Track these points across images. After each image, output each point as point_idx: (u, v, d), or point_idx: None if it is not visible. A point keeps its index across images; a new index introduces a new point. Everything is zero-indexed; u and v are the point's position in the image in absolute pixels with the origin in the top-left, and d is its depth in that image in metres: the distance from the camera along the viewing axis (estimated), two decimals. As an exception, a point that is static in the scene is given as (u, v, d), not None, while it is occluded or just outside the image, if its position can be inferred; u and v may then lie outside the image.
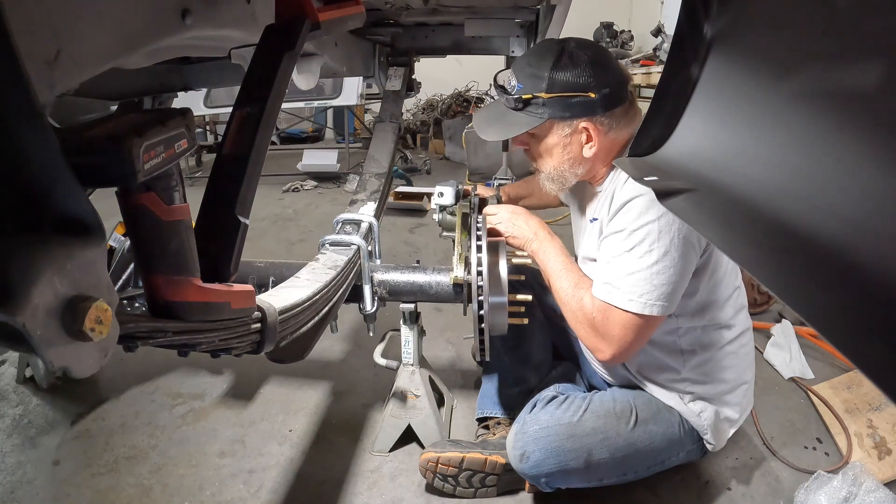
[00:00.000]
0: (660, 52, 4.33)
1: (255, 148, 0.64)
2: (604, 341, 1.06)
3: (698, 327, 1.15)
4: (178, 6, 0.61)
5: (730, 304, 1.18)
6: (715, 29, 0.53)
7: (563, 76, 1.04)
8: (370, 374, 1.80)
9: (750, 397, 1.26)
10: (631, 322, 1.02)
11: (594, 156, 1.10)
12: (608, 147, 1.11)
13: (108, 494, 1.33)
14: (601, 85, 1.03)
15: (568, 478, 1.15)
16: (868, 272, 0.32)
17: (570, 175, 1.14)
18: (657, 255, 0.99)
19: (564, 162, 1.12)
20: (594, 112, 1.05)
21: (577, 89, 1.03)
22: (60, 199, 0.37)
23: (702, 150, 0.57)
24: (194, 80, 1.53)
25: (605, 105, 1.04)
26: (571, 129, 1.08)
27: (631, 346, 1.05)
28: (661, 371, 1.18)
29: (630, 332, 1.03)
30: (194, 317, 0.54)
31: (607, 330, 1.05)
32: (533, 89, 1.06)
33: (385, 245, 2.81)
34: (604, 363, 1.13)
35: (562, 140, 1.09)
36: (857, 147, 0.35)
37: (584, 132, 1.07)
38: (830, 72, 0.38)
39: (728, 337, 1.18)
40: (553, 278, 1.15)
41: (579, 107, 1.04)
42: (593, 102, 1.03)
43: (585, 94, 1.03)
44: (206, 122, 5.67)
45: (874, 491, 1.20)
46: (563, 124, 1.07)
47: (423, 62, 2.18)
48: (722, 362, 1.18)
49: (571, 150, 1.10)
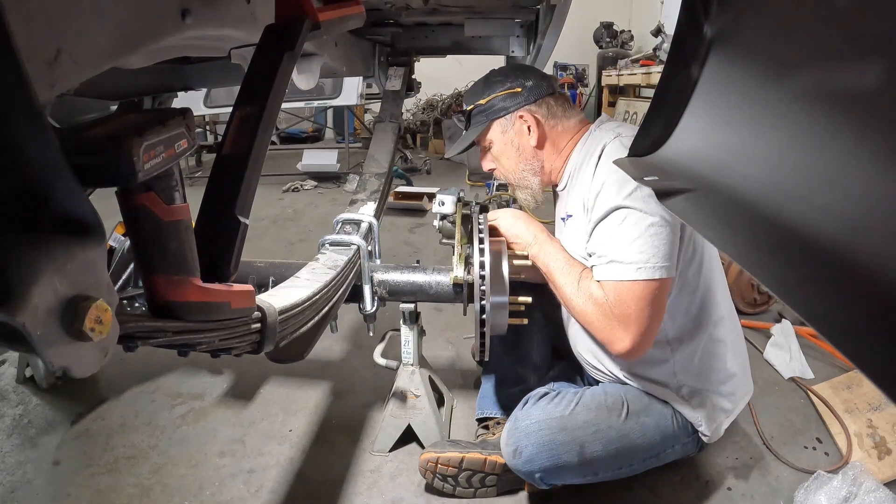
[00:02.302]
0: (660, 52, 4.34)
1: (255, 148, 0.64)
2: (621, 327, 1.04)
3: (681, 312, 1.15)
4: (178, 6, 0.60)
5: (712, 290, 1.18)
6: (715, 29, 0.53)
7: (492, 84, 1.26)
8: (370, 374, 1.80)
9: (744, 388, 1.26)
10: (645, 292, 1.02)
11: (540, 145, 1.23)
12: (553, 138, 1.24)
13: (108, 494, 1.33)
14: (524, 80, 1.23)
15: (563, 472, 1.15)
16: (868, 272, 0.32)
17: (529, 174, 1.27)
18: (650, 218, 1.02)
19: (519, 160, 1.26)
20: (526, 101, 1.22)
21: (505, 88, 1.23)
22: (60, 199, 0.37)
23: (702, 150, 0.57)
24: (194, 80, 1.53)
25: (533, 94, 1.22)
26: (511, 122, 1.24)
27: (650, 324, 1.04)
28: (652, 366, 1.18)
29: (646, 306, 1.03)
30: (194, 317, 0.54)
31: (623, 310, 1.03)
32: (474, 103, 1.27)
33: (385, 245, 2.81)
34: (625, 357, 1.08)
35: (507, 136, 1.25)
36: (857, 147, 0.35)
37: (523, 122, 1.23)
38: (830, 72, 0.38)
39: (713, 319, 1.18)
40: (556, 277, 1.15)
41: (511, 100, 1.23)
42: (522, 94, 1.22)
43: (513, 89, 1.23)
44: (206, 122, 5.67)
45: (874, 491, 1.20)
46: (502, 121, 1.25)
47: (423, 62, 2.18)
48: (711, 350, 1.18)
49: (519, 143, 1.25)
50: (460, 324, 2.08)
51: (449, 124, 5.56)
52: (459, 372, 1.85)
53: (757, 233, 0.43)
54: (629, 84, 4.87)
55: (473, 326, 1.14)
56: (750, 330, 1.99)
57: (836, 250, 0.35)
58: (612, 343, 1.07)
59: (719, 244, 0.48)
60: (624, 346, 1.05)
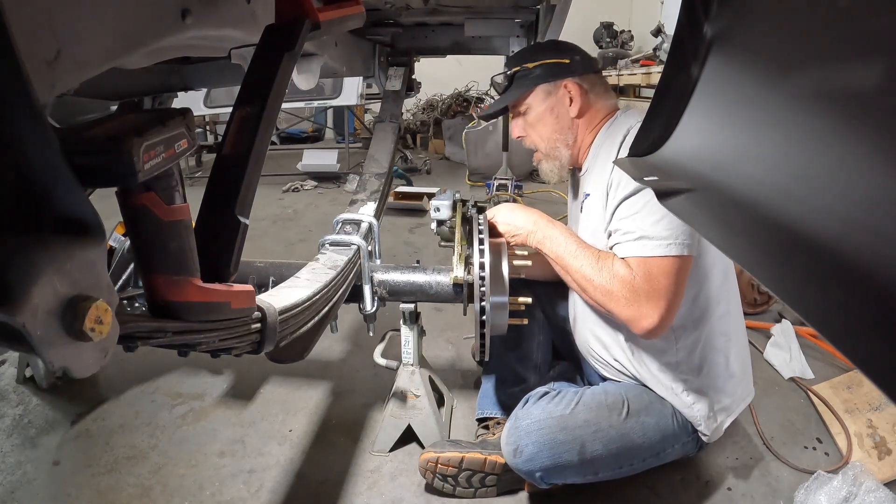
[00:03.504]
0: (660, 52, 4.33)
1: (255, 148, 0.64)
2: (650, 303, 1.04)
3: (689, 299, 1.14)
4: (178, 6, 0.60)
5: (718, 281, 1.18)
6: (715, 29, 0.53)
7: (541, 52, 1.27)
8: (370, 374, 1.80)
9: (745, 389, 1.26)
10: (674, 268, 1.03)
11: (579, 117, 1.24)
12: (590, 114, 1.25)
13: (108, 494, 1.33)
14: (573, 54, 1.26)
15: (563, 472, 1.15)
16: (868, 272, 0.32)
17: (562, 146, 1.27)
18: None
19: (556, 129, 1.26)
20: (573, 73, 1.23)
21: (554, 57, 1.24)
22: (60, 199, 0.37)
23: (702, 150, 0.57)
24: (194, 80, 1.53)
25: (580, 68, 1.24)
26: (557, 93, 1.24)
27: (675, 300, 1.05)
28: (654, 355, 1.18)
29: (674, 282, 1.03)
30: (194, 317, 0.54)
31: (652, 286, 1.03)
32: (519, 64, 1.27)
33: (385, 245, 2.81)
34: (648, 334, 1.06)
35: (548, 103, 1.25)
36: (857, 147, 0.35)
37: (567, 92, 1.23)
38: (830, 72, 0.38)
39: (718, 313, 1.18)
40: (568, 261, 1.13)
41: (559, 70, 1.24)
42: (570, 66, 1.24)
43: (561, 59, 1.24)
44: (206, 122, 5.67)
45: (874, 491, 1.20)
46: (546, 86, 1.25)
47: (423, 62, 2.18)
48: (713, 343, 1.18)
49: (558, 113, 1.25)
50: (460, 324, 2.08)
51: (449, 124, 5.56)
52: (459, 372, 1.85)
53: (757, 233, 0.43)
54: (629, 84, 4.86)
55: (473, 326, 1.14)
56: (750, 330, 1.98)
57: (836, 250, 0.35)
58: (640, 319, 1.05)
59: (719, 244, 0.48)
60: (651, 322, 1.04)
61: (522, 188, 4.02)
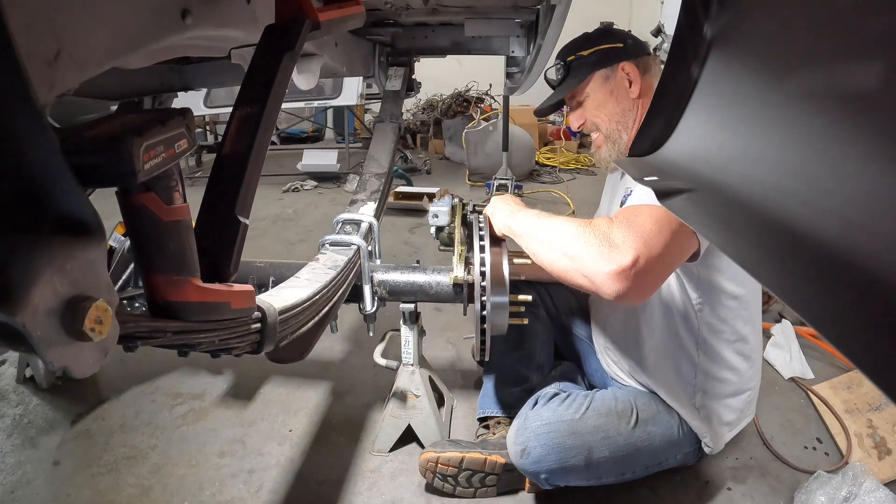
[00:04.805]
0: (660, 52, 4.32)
1: (255, 148, 0.64)
2: (623, 245, 0.85)
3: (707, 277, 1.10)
4: (178, 6, 0.60)
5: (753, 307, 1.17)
6: (715, 29, 0.53)
7: (594, 40, 1.27)
8: (370, 374, 1.80)
9: (752, 407, 1.27)
10: (664, 218, 0.86)
11: (639, 97, 1.22)
12: (650, 95, 1.15)
13: (108, 494, 1.33)
14: (626, 38, 1.27)
15: (567, 475, 1.15)
16: (868, 272, 0.32)
17: (623, 129, 1.23)
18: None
19: (617, 112, 1.23)
20: (628, 56, 1.23)
21: (608, 42, 1.25)
22: (60, 199, 0.37)
23: (702, 150, 0.57)
24: (194, 80, 1.53)
25: (634, 51, 1.24)
26: (615, 77, 1.23)
27: (659, 253, 0.85)
28: (672, 366, 1.18)
29: (658, 230, 0.86)
30: (194, 317, 0.54)
31: (633, 227, 0.86)
32: (574, 53, 1.27)
33: (385, 245, 2.81)
34: (616, 285, 0.84)
35: (609, 87, 1.24)
36: (857, 147, 0.35)
37: (626, 74, 1.22)
38: (830, 72, 0.38)
39: (744, 333, 1.17)
40: (534, 231, 1.01)
41: (615, 54, 1.23)
42: (625, 49, 1.24)
43: (615, 44, 1.24)
44: (206, 122, 5.67)
45: (874, 491, 1.20)
46: (605, 72, 1.24)
47: (423, 62, 2.18)
48: (732, 363, 1.17)
49: (619, 96, 1.23)
50: (460, 324, 2.08)
51: (449, 124, 5.55)
52: (459, 372, 1.85)
53: (757, 233, 0.43)
54: (629, 84, 4.88)
55: (473, 326, 1.14)
56: (750, 330, 1.99)
57: (837, 250, 0.35)
58: (607, 264, 0.84)
59: (719, 244, 0.48)
60: (620, 265, 0.83)
61: (522, 188, 4.02)
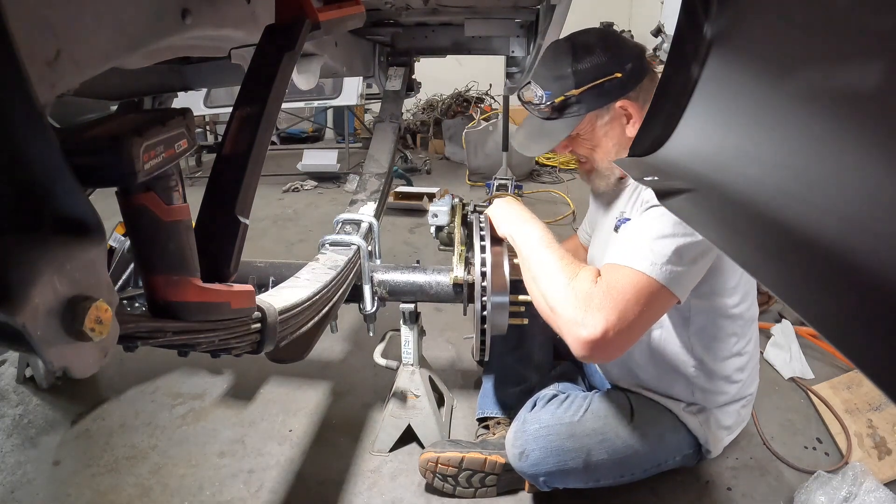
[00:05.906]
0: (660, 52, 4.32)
1: (255, 148, 0.64)
2: (600, 311, 0.84)
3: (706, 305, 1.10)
4: (178, 6, 0.60)
5: (737, 291, 1.13)
6: (715, 29, 0.53)
7: (586, 67, 1.04)
8: (370, 374, 1.80)
9: (747, 412, 1.28)
10: (647, 289, 0.86)
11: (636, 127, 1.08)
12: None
13: (108, 494, 1.33)
14: (623, 62, 1.04)
15: (566, 477, 1.15)
16: (868, 272, 0.32)
17: (615, 167, 1.12)
18: (693, 232, 0.88)
19: (611, 152, 1.10)
20: (626, 89, 1.05)
21: (604, 74, 1.03)
22: (60, 199, 0.37)
23: (702, 150, 0.57)
24: (194, 80, 1.53)
25: (633, 80, 1.05)
26: (611, 115, 1.07)
27: (634, 323, 0.86)
28: (672, 371, 1.17)
29: (640, 302, 0.85)
30: (194, 317, 0.54)
31: (612, 295, 0.85)
32: (562, 91, 1.06)
33: (385, 245, 2.81)
34: (583, 348, 0.85)
35: (605, 129, 1.09)
36: (857, 147, 0.35)
37: (624, 113, 1.07)
38: (830, 72, 0.38)
39: (738, 348, 1.17)
40: (529, 252, 1.00)
41: (611, 90, 1.04)
42: (622, 81, 1.04)
43: (612, 76, 1.03)
44: (206, 122, 5.66)
45: (874, 491, 1.20)
46: (601, 112, 1.07)
47: (423, 62, 2.18)
48: (728, 373, 1.17)
49: (616, 135, 1.09)
50: (460, 324, 2.08)
51: (449, 124, 5.55)
52: (459, 372, 1.85)
53: (757, 233, 0.43)
54: (629, 84, 4.87)
55: (473, 326, 1.14)
56: (750, 330, 1.99)
57: (837, 250, 0.35)
58: (579, 327, 0.85)
59: (719, 244, 0.48)
60: (591, 333, 0.84)
61: (522, 188, 4.02)
